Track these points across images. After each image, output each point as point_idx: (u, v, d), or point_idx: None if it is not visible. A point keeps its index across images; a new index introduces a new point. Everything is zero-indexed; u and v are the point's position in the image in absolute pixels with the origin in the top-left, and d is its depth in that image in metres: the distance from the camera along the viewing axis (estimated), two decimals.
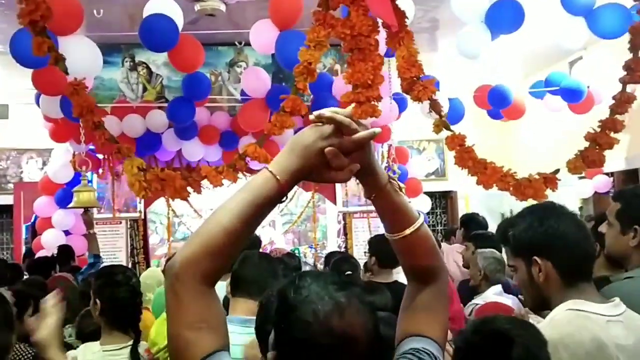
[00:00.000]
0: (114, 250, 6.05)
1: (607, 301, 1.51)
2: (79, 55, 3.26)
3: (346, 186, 6.28)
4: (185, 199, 1.37)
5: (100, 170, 5.69)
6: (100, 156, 5.56)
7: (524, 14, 3.76)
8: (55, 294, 2.07)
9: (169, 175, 1.33)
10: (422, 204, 6.17)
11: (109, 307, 2.33)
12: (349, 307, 0.99)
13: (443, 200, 8.18)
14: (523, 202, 3.43)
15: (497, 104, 5.36)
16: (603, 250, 2.18)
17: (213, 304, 1.02)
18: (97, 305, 2.32)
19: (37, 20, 1.55)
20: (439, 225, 8.13)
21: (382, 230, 1.23)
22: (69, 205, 4.64)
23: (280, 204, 1.06)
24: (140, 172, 1.35)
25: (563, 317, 1.48)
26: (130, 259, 6.10)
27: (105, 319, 2.32)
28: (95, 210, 5.40)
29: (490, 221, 5.10)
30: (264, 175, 1.01)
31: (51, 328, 1.98)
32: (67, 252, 5.07)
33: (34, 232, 6.13)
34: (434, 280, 1.18)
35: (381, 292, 2.53)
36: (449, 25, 5.03)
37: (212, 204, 6.28)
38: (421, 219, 1.14)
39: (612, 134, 1.64)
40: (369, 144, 1.04)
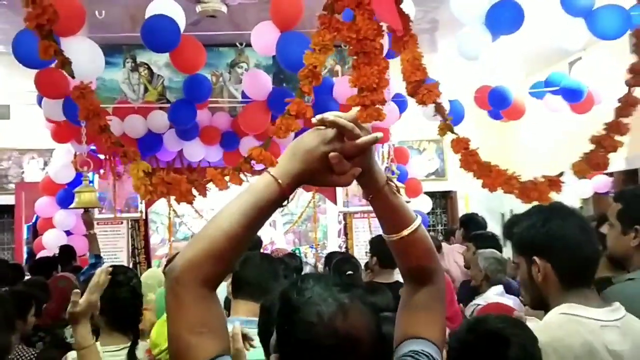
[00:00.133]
0: (115, 250, 6.04)
1: (606, 305, 1.50)
2: (82, 56, 3.26)
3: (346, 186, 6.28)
4: (190, 203, 1.38)
5: (101, 171, 5.71)
6: (102, 156, 5.59)
7: (523, 14, 3.77)
8: (105, 271, 2.03)
9: (175, 178, 1.34)
10: (422, 204, 6.18)
11: (109, 307, 2.34)
12: (352, 308, 0.99)
13: (443, 200, 8.19)
14: (523, 203, 3.46)
15: (497, 104, 5.37)
16: (605, 251, 2.20)
17: (214, 307, 1.01)
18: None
19: (44, 24, 1.56)
20: (439, 225, 8.15)
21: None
22: (71, 206, 4.65)
23: (280, 207, 1.06)
24: (145, 176, 1.36)
25: (555, 321, 1.47)
26: (131, 259, 6.08)
27: (106, 319, 2.33)
28: (96, 210, 5.40)
29: (490, 221, 5.11)
30: (265, 179, 1.01)
31: (89, 304, 1.95)
32: (69, 252, 5.07)
33: (35, 232, 6.14)
34: (430, 282, 1.18)
35: (383, 292, 2.53)
36: (449, 26, 5.04)
37: (213, 205, 6.29)
38: (418, 220, 1.14)
39: (617, 137, 1.64)
40: (370, 148, 1.03)
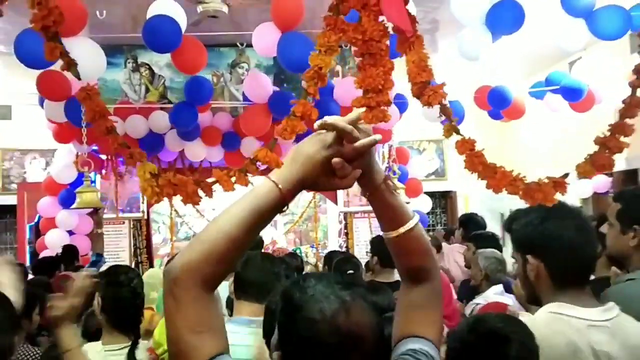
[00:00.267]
0: (117, 250, 6.06)
1: (598, 305, 1.49)
2: (83, 57, 3.28)
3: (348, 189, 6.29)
4: (197, 203, 1.40)
5: (103, 171, 5.73)
6: (104, 157, 5.60)
7: (524, 15, 3.77)
8: (88, 275, 1.98)
9: (181, 180, 1.36)
10: (423, 204, 6.20)
11: (110, 306, 2.36)
12: (354, 306, 1.01)
13: (443, 200, 8.22)
14: (523, 202, 3.47)
15: (497, 104, 5.38)
16: (605, 250, 2.21)
17: (212, 308, 1.02)
18: (98, 302, 2.37)
19: (50, 25, 1.58)
20: (439, 225, 8.17)
21: None
22: (73, 206, 4.67)
23: (280, 213, 1.06)
24: (152, 177, 1.37)
25: (542, 320, 1.48)
26: (133, 259, 6.11)
27: (107, 318, 2.36)
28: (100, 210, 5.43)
29: (490, 221, 5.12)
30: (266, 184, 1.02)
31: (70, 308, 1.91)
32: (72, 251, 5.09)
33: (37, 232, 6.17)
34: (427, 280, 1.18)
35: (384, 291, 2.54)
36: (449, 27, 5.05)
37: (214, 204, 6.30)
38: (415, 219, 1.15)
39: (622, 138, 1.65)
40: (369, 149, 1.05)
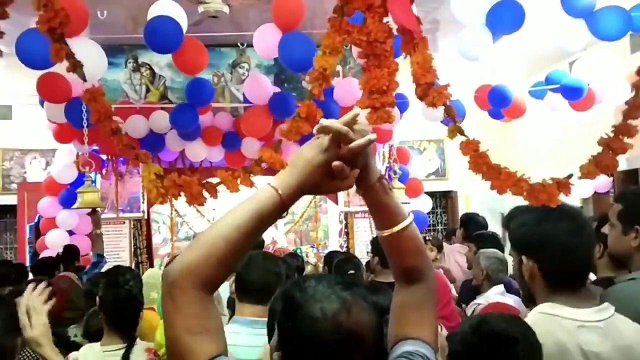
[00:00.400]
0: (117, 250, 6.06)
1: (591, 306, 1.48)
2: (85, 58, 3.28)
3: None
4: (202, 204, 1.40)
5: (103, 171, 5.73)
6: (104, 157, 5.61)
7: (524, 14, 3.78)
8: (42, 288, 1.85)
9: (186, 181, 1.36)
10: (423, 203, 6.20)
11: (107, 307, 2.39)
12: (355, 305, 1.02)
13: (443, 200, 8.21)
14: (524, 202, 3.47)
15: (498, 103, 5.38)
16: (607, 251, 2.21)
17: (210, 310, 1.02)
18: (98, 302, 2.40)
19: (56, 27, 1.58)
20: (439, 225, 8.17)
21: None
22: (74, 206, 4.67)
23: (280, 218, 1.09)
24: (157, 178, 1.37)
25: (532, 320, 1.48)
26: (133, 259, 6.12)
27: (105, 318, 2.38)
28: (99, 210, 5.42)
29: (491, 221, 5.12)
30: (266, 189, 1.03)
31: (43, 325, 1.82)
32: (73, 251, 5.09)
33: (37, 232, 6.17)
34: (420, 280, 1.19)
35: (385, 292, 2.53)
36: (449, 26, 5.05)
37: (214, 204, 6.30)
38: (409, 219, 1.16)
39: (625, 139, 1.65)
40: (365, 148, 1.05)
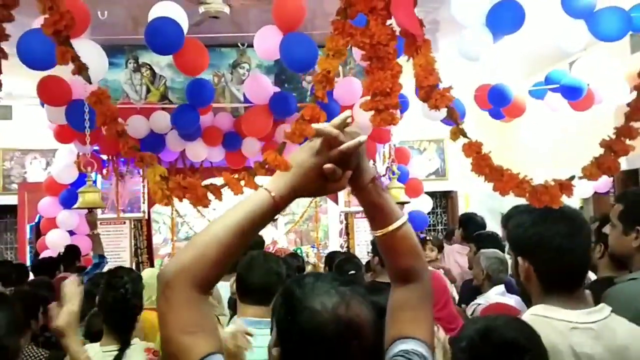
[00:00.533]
0: (117, 250, 6.06)
1: (586, 307, 1.48)
2: (86, 59, 3.29)
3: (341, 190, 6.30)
4: (206, 206, 1.42)
5: (104, 171, 5.73)
6: (105, 157, 5.61)
7: (524, 14, 3.79)
8: (74, 279, 1.98)
9: (191, 183, 1.37)
10: (423, 203, 6.21)
11: (104, 308, 2.41)
12: (354, 299, 1.06)
13: (444, 200, 8.22)
14: (523, 202, 3.47)
15: (497, 102, 5.39)
16: (607, 251, 2.22)
17: (205, 310, 1.04)
18: (97, 303, 2.42)
19: (62, 30, 1.59)
20: (439, 225, 8.18)
21: None
22: (74, 206, 4.68)
23: (273, 221, 1.12)
24: (162, 181, 1.38)
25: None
26: (134, 259, 6.12)
27: (104, 319, 2.40)
28: (99, 210, 5.42)
29: (491, 221, 5.13)
30: (260, 192, 1.07)
31: (71, 315, 1.91)
32: (74, 252, 5.09)
33: (38, 233, 6.17)
34: (416, 280, 1.20)
35: (385, 292, 2.53)
36: (450, 26, 5.05)
37: (214, 204, 6.31)
38: (403, 219, 1.17)
39: (627, 141, 1.66)
40: (357, 150, 1.07)
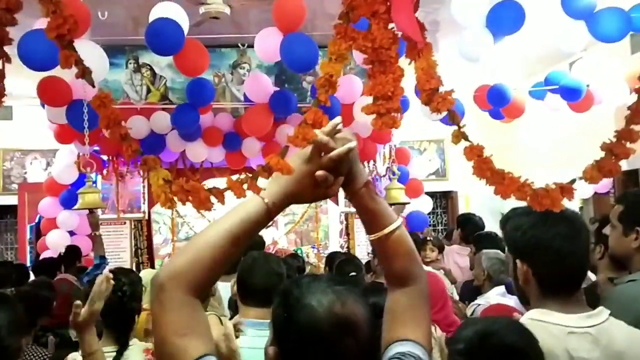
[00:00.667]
0: (118, 250, 6.06)
1: (584, 311, 1.47)
2: (86, 59, 3.29)
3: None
4: (209, 210, 1.42)
5: (104, 172, 5.73)
6: (105, 157, 5.61)
7: (524, 15, 3.80)
8: (106, 278, 2.00)
9: (194, 186, 1.37)
10: (423, 204, 6.21)
11: (102, 309, 2.41)
12: (349, 297, 1.07)
13: (444, 200, 8.23)
14: (523, 203, 3.46)
15: (497, 102, 5.39)
16: (607, 251, 2.22)
17: (197, 313, 1.05)
18: None
19: (65, 33, 1.59)
20: (439, 225, 8.19)
21: None
22: (74, 207, 4.68)
23: (265, 228, 1.15)
24: (166, 184, 1.38)
25: None
26: (134, 259, 6.12)
27: (103, 320, 2.40)
28: (99, 210, 5.43)
29: (491, 221, 5.13)
30: (254, 199, 1.09)
31: (93, 314, 1.96)
32: (74, 252, 5.09)
33: (38, 233, 6.17)
34: (412, 283, 1.21)
35: (385, 292, 2.55)
36: (450, 27, 5.06)
37: (214, 205, 6.32)
38: (396, 223, 1.18)
39: (628, 144, 1.66)
40: (348, 155, 1.09)
